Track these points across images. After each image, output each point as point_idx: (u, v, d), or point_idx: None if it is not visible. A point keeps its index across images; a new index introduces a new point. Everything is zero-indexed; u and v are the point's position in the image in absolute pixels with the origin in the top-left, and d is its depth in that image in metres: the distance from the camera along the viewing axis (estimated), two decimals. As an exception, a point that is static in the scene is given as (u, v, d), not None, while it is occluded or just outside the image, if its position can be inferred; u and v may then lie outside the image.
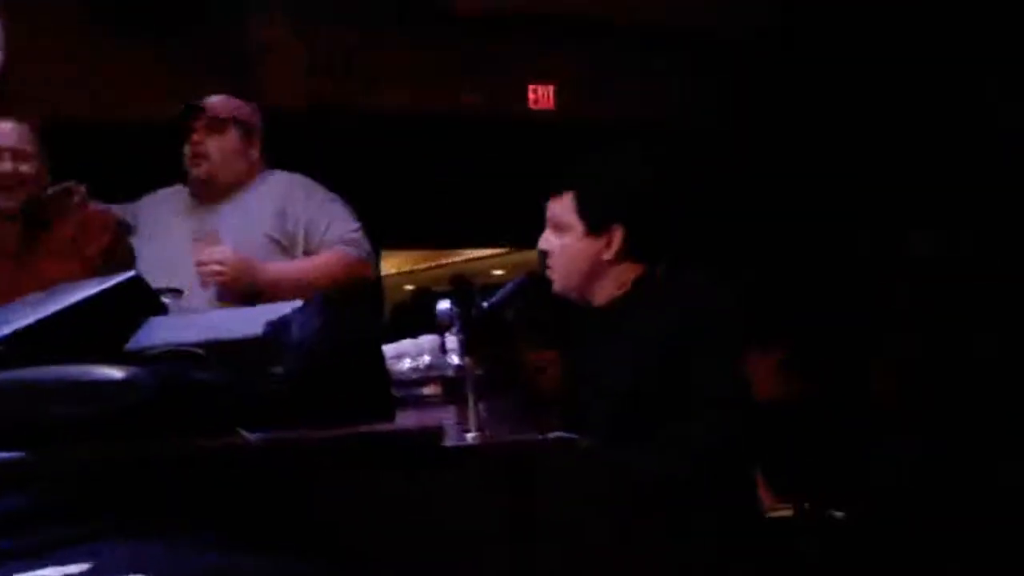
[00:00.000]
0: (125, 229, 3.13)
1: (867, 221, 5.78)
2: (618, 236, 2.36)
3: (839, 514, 3.26)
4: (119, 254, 3.01)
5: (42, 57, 4.65)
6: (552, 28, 5.88)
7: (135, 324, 1.75)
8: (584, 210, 2.37)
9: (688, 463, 2.16)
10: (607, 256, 2.37)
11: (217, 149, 3.10)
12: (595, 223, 2.37)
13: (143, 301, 1.87)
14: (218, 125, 3.12)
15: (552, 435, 1.87)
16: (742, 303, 2.40)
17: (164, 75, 5.01)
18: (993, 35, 5.42)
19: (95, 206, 3.08)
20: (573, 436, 1.88)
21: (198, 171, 3.12)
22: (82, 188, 3.05)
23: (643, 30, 5.99)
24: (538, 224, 2.49)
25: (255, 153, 3.18)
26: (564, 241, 2.39)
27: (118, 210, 3.17)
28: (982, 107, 5.51)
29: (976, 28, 5.46)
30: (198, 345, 1.62)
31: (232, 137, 3.13)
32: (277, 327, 1.63)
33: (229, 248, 2.95)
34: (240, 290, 2.91)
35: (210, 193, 3.12)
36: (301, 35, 5.48)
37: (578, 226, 2.37)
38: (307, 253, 3.08)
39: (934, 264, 5.33)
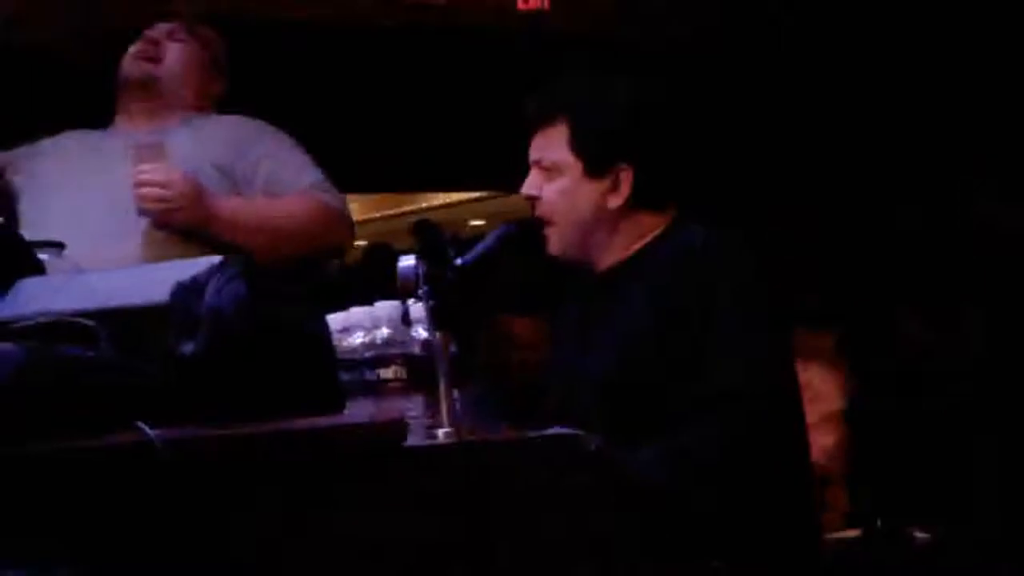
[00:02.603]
0: None
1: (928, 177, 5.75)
2: (627, 177, 2.29)
3: (921, 535, 3.24)
4: None
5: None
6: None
7: (1, 287, 1.71)
8: (582, 144, 2.30)
9: (688, 477, 2.08)
10: (614, 203, 2.30)
11: (177, 57, 3.03)
12: (597, 161, 2.30)
13: (12, 258, 1.83)
14: (185, 35, 3.05)
15: (550, 431, 1.84)
16: (771, 270, 2.31)
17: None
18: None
19: None
20: (577, 432, 1.78)
21: (144, 67, 2.98)
22: None
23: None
24: (526, 161, 2.40)
25: (215, 89, 3.09)
26: (557, 185, 2.31)
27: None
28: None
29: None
30: (83, 314, 1.57)
31: (199, 54, 3.07)
32: (187, 292, 1.56)
33: (177, 168, 2.76)
34: (184, 226, 2.73)
35: (147, 106, 2.97)
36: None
37: (575, 165, 2.31)
38: None
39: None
